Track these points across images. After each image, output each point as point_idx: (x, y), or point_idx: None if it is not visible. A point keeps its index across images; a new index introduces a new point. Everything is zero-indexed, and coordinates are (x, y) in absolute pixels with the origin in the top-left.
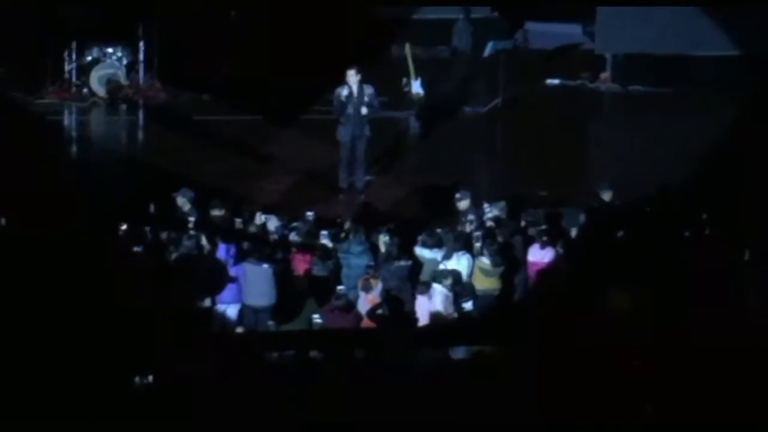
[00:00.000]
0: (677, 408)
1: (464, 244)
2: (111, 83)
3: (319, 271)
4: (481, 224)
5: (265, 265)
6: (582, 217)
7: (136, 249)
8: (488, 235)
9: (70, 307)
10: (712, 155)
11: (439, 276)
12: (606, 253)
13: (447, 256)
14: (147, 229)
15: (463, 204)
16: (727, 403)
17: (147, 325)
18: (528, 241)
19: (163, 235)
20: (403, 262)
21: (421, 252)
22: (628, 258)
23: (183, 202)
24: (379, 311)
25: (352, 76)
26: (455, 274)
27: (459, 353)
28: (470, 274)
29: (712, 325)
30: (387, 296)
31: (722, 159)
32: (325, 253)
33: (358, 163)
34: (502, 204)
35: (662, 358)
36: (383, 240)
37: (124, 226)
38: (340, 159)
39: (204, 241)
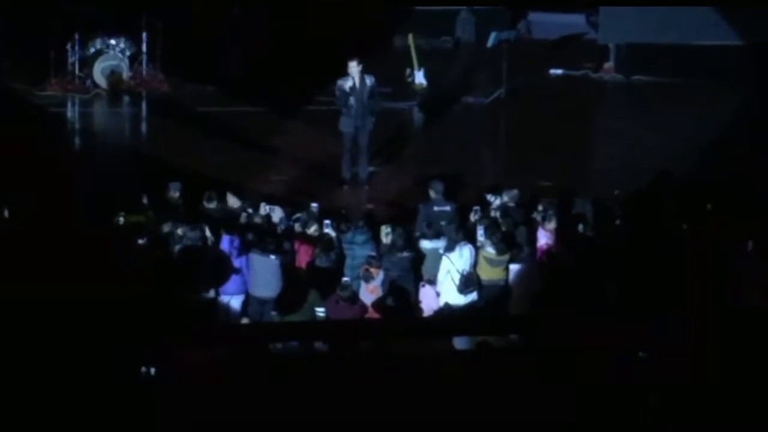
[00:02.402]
0: (680, 400)
1: (465, 234)
2: (114, 75)
3: (322, 262)
4: (486, 214)
5: (272, 257)
6: (589, 207)
7: (139, 241)
8: (492, 225)
9: (71, 299)
10: (715, 145)
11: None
12: (607, 243)
13: (449, 248)
14: (150, 220)
15: (432, 193)
16: (730, 400)
17: (150, 316)
18: (534, 231)
19: (165, 228)
20: (406, 253)
21: (422, 243)
22: (628, 249)
23: (173, 194)
24: (384, 302)
25: (354, 68)
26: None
27: (464, 343)
28: (474, 265)
29: (714, 318)
30: (390, 287)
31: (726, 149)
32: (329, 244)
33: (362, 155)
34: (515, 192)
35: (665, 351)
36: (386, 231)
37: (126, 218)
38: (343, 150)
39: (207, 232)
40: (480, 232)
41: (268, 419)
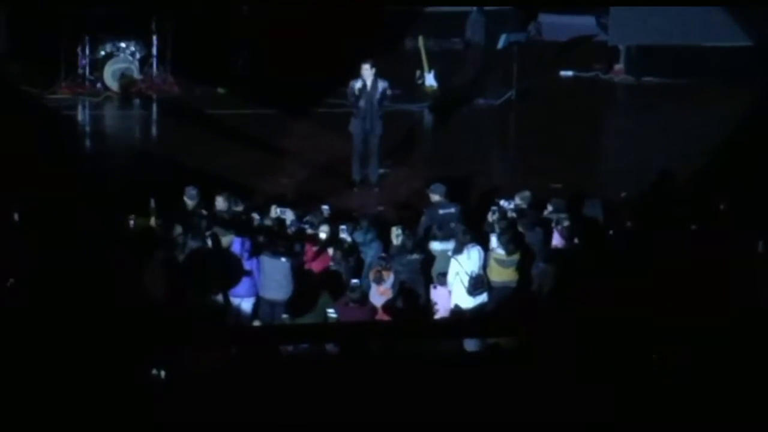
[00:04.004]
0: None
1: (473, 236)
2: (124, 78)
3: (341, 267)
4: (503, 215)
5: (283, 259)
6: (600, 208)
7: (149, 243)
8: (506, 226)
9: (82, 301)
10: (725, 146)
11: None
12: (618, 245)
13: (457, 250)
14: (160, 223)
15: (435, 197)
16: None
17: (161, 319)
18: (550, 232)
19: (177, 230)
20: (416, 255)
21: (432, 245)
22: (637, 250)
23: (190, 202)
24: (394, 304)
25: (367, 70)
26: None
27: (475, 345)
28: (484, 266)
29: (723, 318)
30: (401, 289)
31: (736, 150)
32: (349, 251)
33: (372, 156)
34: (527, 194)
35: (677, 352)
36: (396, 233)
37: (137, 221)
38: (353, 152)
39: (209, 242)
40: (493, 237)
41: (279, 420)
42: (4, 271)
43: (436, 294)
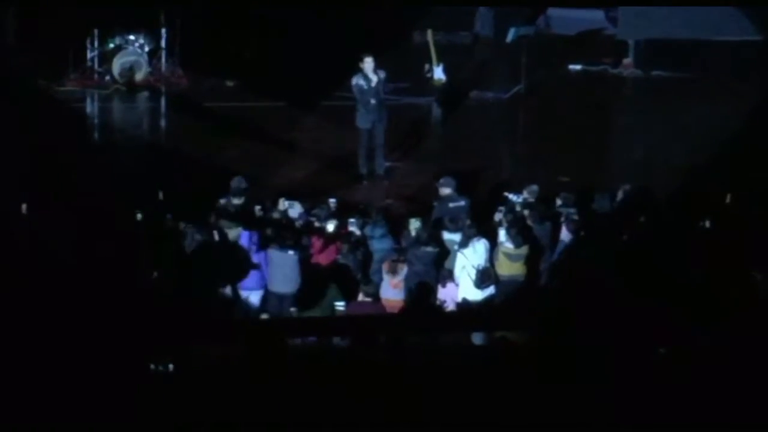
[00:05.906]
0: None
1: (479, 230)
2: (133, 70)
3: (348, 261)
4: (511, 209)
5: (290, 252)
6: (609, 202)
7: (157, 237)
8: (514, 219)
9: (91, 293)
10: (735, 140)
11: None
12: (627, 238)
13: (463, 244)
14: (169, 216)
15: (445, 190)
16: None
17: (169, 311)
18: (558, 226)
19: (185, 223)
20: (430, 248)
21: (443, 234)
22: (647, 244)
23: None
24: (406, 297)
25: (370, 63)
26: None
27: (482, 339)
28: (490, 259)
29: (731, 314)
30: (413, 282)
31: (745, 144)
32: (356, 243)
33: (378, 149)
34: (534, 188)
35: (686, 348)
36: (414, 225)
37: (144, 214)
38: (359, 145)
39: (216, 236)
40: (502, 231)
41: (286, 414)
42: (9, 263)
43: (445, 292)
